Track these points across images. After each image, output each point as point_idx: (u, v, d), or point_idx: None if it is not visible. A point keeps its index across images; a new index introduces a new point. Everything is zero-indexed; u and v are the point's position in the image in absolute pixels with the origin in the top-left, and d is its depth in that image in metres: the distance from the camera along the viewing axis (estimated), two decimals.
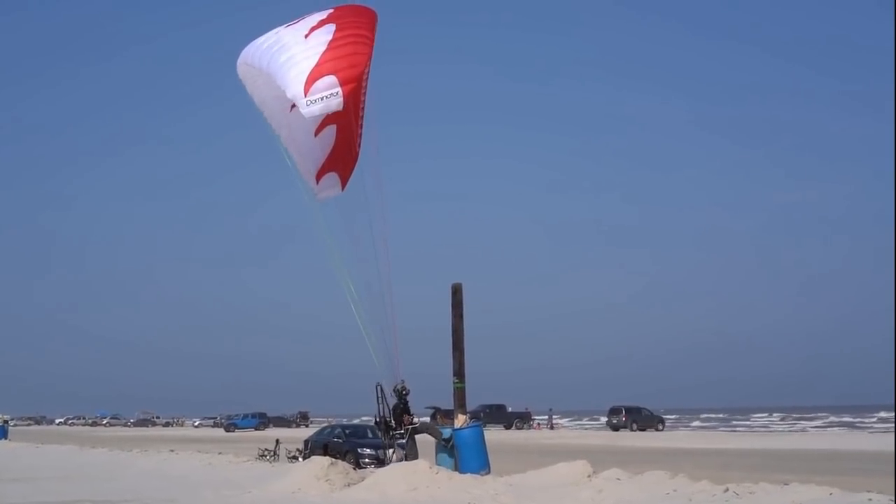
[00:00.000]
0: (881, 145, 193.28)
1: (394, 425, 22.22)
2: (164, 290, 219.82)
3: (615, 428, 71.01)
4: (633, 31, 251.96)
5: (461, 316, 22.69)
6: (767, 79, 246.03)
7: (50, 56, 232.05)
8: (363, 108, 19.34)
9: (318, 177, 20.18)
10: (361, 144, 19.80)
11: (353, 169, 20.29)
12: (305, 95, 16.83)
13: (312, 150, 19.71)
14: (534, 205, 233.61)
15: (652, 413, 74.39)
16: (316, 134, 19.46)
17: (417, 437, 22.71)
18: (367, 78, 18.48)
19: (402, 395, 22.07)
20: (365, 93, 18.87)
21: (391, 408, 22.22)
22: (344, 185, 20.46)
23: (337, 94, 16.81)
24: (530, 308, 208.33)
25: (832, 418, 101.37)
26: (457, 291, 22.80)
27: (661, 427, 72.68)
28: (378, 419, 22.73)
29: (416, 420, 22.84)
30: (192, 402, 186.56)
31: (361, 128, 19.68)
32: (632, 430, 69.62)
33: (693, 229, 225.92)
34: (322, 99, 16.79)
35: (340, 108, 17.09)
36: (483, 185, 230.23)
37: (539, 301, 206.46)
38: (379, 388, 22.23)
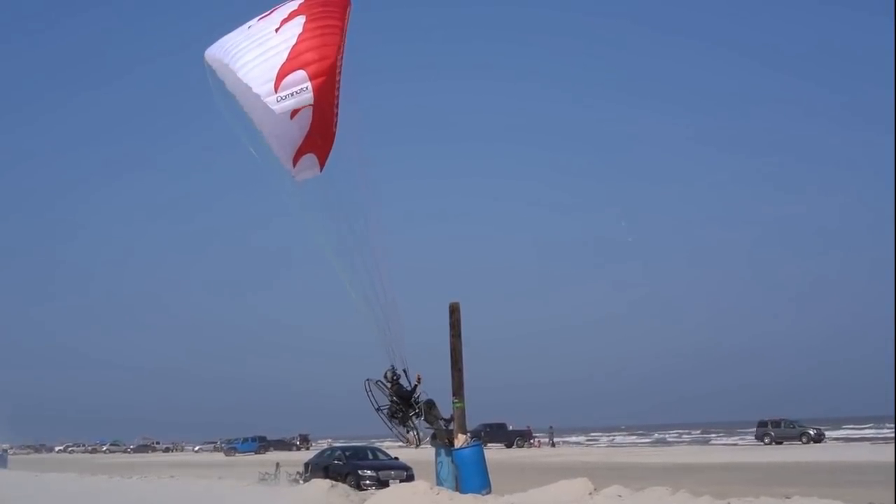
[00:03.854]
0: (877, 156, 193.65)
1: (401, 407, 21.24)
2: (164, 313, 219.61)
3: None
4: (624, 44, 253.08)
5: (459, 335, 22.63)
6: (761, 91, 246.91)
7: (48, 82, 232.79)
8: (339, 89, 19.30)
9: (296, 159, 20.16)
10: (338, 125, 19.73)
11: (330, 149, 20.20)
12: (276, 91, 16.97)
13: (288, 132, 19.57)
14: (528, 221, 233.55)
15: (795, 425, 67.22)
16: (292, 117, 19.45)
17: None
18: (341, 64, 18.48)
19: (395, 381, 21.35)
20: (340, 73, 18.80)
21: (396, 393, 21.28)
22: (322, 165, 20.42)
23: (307, 88, 17.01)
24: (526, 324, 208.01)
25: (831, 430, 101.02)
26: (454, 311, 22.76)
27: (804, 440, 64.80)
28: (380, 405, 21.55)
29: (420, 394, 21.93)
30: (193, 425, 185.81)
31: (337, 108, 19.68)
32: (764, 442, 65.91)
33: (686, 243, 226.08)
34: (293, 94, 16.96)
35: (311, 102, 17.19)
36: (479, 204, 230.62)
37: (532, 317, 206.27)
38: (368, 383, 21.46)
